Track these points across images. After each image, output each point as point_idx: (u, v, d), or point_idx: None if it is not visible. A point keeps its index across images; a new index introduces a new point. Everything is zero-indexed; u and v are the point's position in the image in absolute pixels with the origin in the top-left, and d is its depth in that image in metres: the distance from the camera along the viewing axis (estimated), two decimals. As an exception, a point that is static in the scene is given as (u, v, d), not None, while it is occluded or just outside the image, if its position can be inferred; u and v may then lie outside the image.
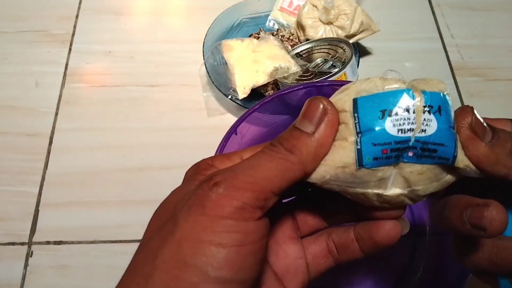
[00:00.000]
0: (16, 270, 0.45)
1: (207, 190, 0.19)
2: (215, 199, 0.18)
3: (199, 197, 0.19)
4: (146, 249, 0.20)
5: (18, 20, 0.63)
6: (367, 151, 0.20)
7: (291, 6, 0.62)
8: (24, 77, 0.58)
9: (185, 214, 0.19)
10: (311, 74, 0.52)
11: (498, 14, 0.66)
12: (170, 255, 0.18)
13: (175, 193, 0.22)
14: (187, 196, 0.20)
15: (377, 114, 0.20)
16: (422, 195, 0.22)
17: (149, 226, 0.21)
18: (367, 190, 0.21)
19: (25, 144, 0.53)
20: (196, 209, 0.19)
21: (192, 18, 0.65)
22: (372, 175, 0.21)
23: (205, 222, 0.18)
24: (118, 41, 0.62)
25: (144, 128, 0.54)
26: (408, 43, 0.62)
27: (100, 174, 0.51)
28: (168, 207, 0.21)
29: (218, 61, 0.55)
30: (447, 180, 0.22)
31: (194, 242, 0.18)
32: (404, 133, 0.20)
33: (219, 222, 0.18)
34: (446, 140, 0.20)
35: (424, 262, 0.42)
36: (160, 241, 0.19)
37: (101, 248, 0.46)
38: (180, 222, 0.19)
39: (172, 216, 0.20)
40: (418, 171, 0.21)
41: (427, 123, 0.20)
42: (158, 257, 0.18)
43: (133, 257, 0.20)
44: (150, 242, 0.20)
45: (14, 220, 0.48)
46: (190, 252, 0.18)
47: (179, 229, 0.19)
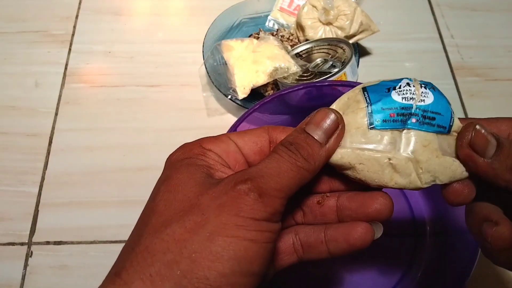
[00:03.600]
0: (16, 270, 0.45)
1: (243, 195, 0.21)
2: (251, 204, 0.21)
3: (234, 199, 0.21)
4: (164, 236, 0.20)
5: (18, 20, 0.64)
6: (377, 114, 0.24)
7: (291, 6, 0.62)
8: (24, 77, 0.58)
9: (217, 211, 0.20)
10: (311, 74, 0.52)
11: (498, 14, 0.66)
12: (201, 247, 0.20)
13: (182, 179, 0.23)
14: (211, 191, 0.21)
15: (384, 90, 0.24)
16: (426, 170, 0.23)
17: (156, 207, 0.22)
18: (379, 155, 0.23)
19: (25, 144, 0.53)
20: (230, 209, 0.20)
21: (192, 18, 0.65)
22: (382, 137, 0.24)
23: (240, 221, 0.20)
24: (118, 41, 0.62)
25: (144, 128, 0.54)
26: (408, 43, 0.62)
27: (100, 174, 0.51)
28: (184, 196, 0.22)
29: (218, 61, 0.55)
30: (447, 161, 0.23)
31: (228, 237, 0.20)
32: (407, 101, 0.24)
33: (253, 222, 0.20)
34: (443, 110, 0.24)
35: (424, 262, 0.42)
36: (184, 232, 0.20)
37: (101, 248, 0.46)
38: (211, 217, 0.20)
39: (195, 207, 0.21)
40: (422, 142, 0.23)
41: (425, 95, 0.24)
42: (185, 247, 0.20)
43: (141, 238, 0.21)
44: (169, 229, 0.21)
45: (14, 220, 0.48)
46: (225, 245, 0.20)
47: (211, 224, 0.20)
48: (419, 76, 0.27)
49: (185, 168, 0.23)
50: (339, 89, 0.44)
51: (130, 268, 0.20)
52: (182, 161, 0.24)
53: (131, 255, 0.21)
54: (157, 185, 0.24)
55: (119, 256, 0.22)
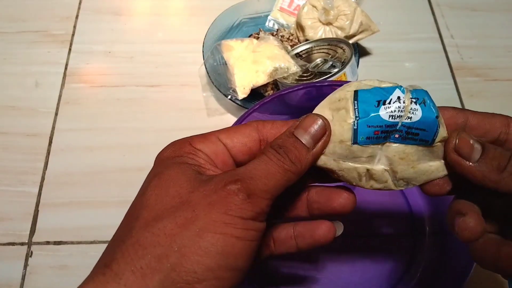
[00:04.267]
0: (16, 270, 0.45)
1: (232, 194, 0.22)
2: (239, 204, 0.22)
3: (224, 198, 0.22)
4: (155, 230, 0.21)
5: (18, 20, 0.64)
6: (362, 131, 0.24)
7: (291, 6, 0.62)
8: (24, 77, 0.58)
9: (207, 209, 0.22)
10: (311, 74, 0.52)
11: (498, 14, 0.66)
12: (190, 242, 0.21)
13: (173, 175, 0.23)
14: (201, 189, 0.22)
15: (373, 103, 0.24)
16: (400, 178, 0.26)
17: (147, 201, 0.23)
18: (358, 165, 0.25)
19: (25, 144, 0.53)
20: (220, 207, 0.21)
21: (192, 18, 0.65)
22: (363, 151, 0.25)
23: (228, 219, 0.21)
24: (118, 41, 0.62)
25: (144, 128, 0.54)
26: (407, 43, 0.62)
27: (100, 174, 0.51)
28: (175, 191, 0.23)
29: (218, 61, 0.55)
30: (422, 169, 0.26)
31: (216, 234, 0.21)
32: (394, 119, 0.24)
33: (241, 221, 0.22)
34: (428, 126, 0.24)
35: (424, 262, 0.42)
36: (175, 227, 0.21)
37: (100, 248, 0.46)
38: (201, 214, 0.21)
39: (186, 203, 0.22)
40: (400, 155, 0.25)
41: (413, 111, 0.24)
42: (175, 242, 0.21)
43: (132, 231, 0.22)
44: (160, 224, 0.21)
45: (14, 220, 0.48)
46: (213, 241, 0.21)
47: (201, 220, 0.21)
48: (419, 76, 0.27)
49: (176, 166, 0.24)
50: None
51: (121, 259, 0.21)
52: (173, 159, 0.25)
53: (122, 247, 0.21)
54: (147, 180, 0.25)
55: (108, 248, 0.23)
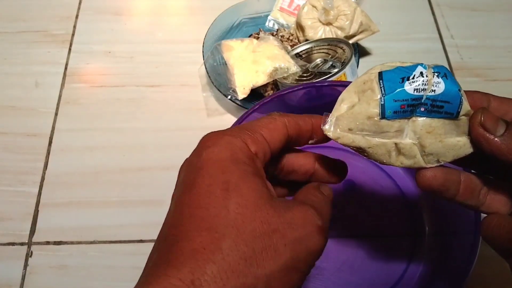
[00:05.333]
0: (15, 270, 0.45)
1: (318, 240, 0.23)
2: (320, 250, 0.24)
3: (312, 241, 0.23)
4: (247, 257, 0.21)
5: (18, 20, 0.64)
6: (389, 106, 0.25)
7: (291, 6, 0.62)
8: (24, 77, 0.58)
9: (294, 243, 0.23)
10: (311, 75, 0.52)
11: (498, 15, 0.66)
12: (278, 277, 0.22)
13: (251, 194, 0.23)
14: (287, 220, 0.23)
15: (398, 80, 0.25)
16: (429, 152, 0.26)
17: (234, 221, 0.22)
18: (386, 140, 0.26)
19: (25, 144, 0.53)
20: (306, 248, 0.23)
21: (192, 18, 0.65)
22: (391, 126, 0.26)
23: (309, 260, 0.23)
24: (118, 41, 0.62)
25: (144, 128, 0.54)
26: (407, 44, 0.62)
27: (100, 174, 0.51)
28: (262, 217, 0.22)
29: (218, 61, 0.55)
30: (450, 143, 0.26)
31: (299, 272, 0.23)
32: (418, 92, 0.25)
33: (314, 263, 0.24)
34: (452, 98, 0.25)
35: (424, 262, 0.42)
36: (265, 258, 0.22)
37: (100, 248, 0.46)
38: (288, 250, 0.22)
39: (275, 231, 0.22)
40: (427, 128, 0.26)
41: (436, 85, 0.25)
42: (265, 274, 0.21)
43: (220, 250, 0.21)
44: (251, 251, 0.21)
45: (14, 220, 0.48)
46: (295, 278, 0.23)
47: (288, 256, 0.22)
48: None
49: (251, 181, 0.23)
50: (338, 89, 0.44)
51: (213, 284, 0.20)
52: (238, 166, 0.24)
53: (212, 269, 0.20)
54: (223, 190, 0.23)
55: (186, 256, 0.21)
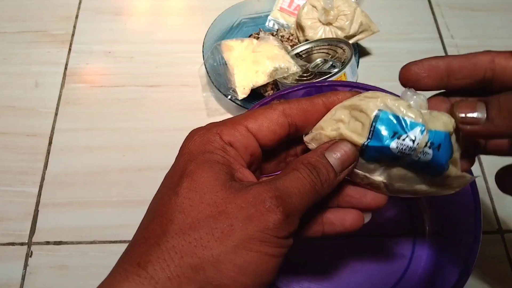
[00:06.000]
0: (15, 270, 0.45)
1: (271, 212, 0.22)
2: (277, 223, 0.22)
3: (262, 215, 0.22)
4: (191, 240, 0.21)
5: (18, 20, 0.64)
6: (370, 153, 0.25)
7: (291, 6, 0.62)
8: (24, 77, 0.58)
9: (244, 223, 0.22)
10: (311, 75, 0.52)
11: (498, 15, 0.66)
12: (227, 258, 0.21)
13: (206, 179, 0.23)
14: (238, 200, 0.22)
15: (390, 132, 0.24)
16: (395, 190, 0.26)
17: (182, 205, 0.22)
18: (359, 171, 0.26)
19: (25, 144, 0.53)
20: (257, 224, 0.22)
21: (192, 18, 0.65)
22: (367, 164, 0.26)
23: (264, 238, 0.22)
24: (118, 41, 0.62)
25: (144, 128, 0.54)
26: (407, 44, 0.62)
27: (100, 174, 0.51)
28: (210, 199, 0.22)
29: (218, 61, 0.55)
30: (417, 190, 0.26)
31: (252, 252, 0.21)
32: (402, 154, 0.24)
33: (276, 240, 0.22)
34: (434, 169, 0.24)
35: (424, 262, 0.42)
36: (211, 239, 0.21)
37: (100, 248, 0.46)
38: (237, 229, 0.21)
39: (223, 214, 0.22)
40: (400, 176, 0.25)
41: (424, 154, 0.24)
42: (212, 255, 0.21)
43: (167, 236, 0.21)
44: (196, 233, 0.21)
45: (14, 220, 0.48)
46: (249, 260, 0.21)
47: (237, 236, 0.21)
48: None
49: (208, 166, 0.23)
50: (338, 89, 0.44)
51: (157, 264, 0.21)
52: (204, 155, 0.24)
53: (157, 251, 0.21)
54: (177, 176, 0.24)
55: (138, 244, 0.23)
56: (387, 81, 0.56)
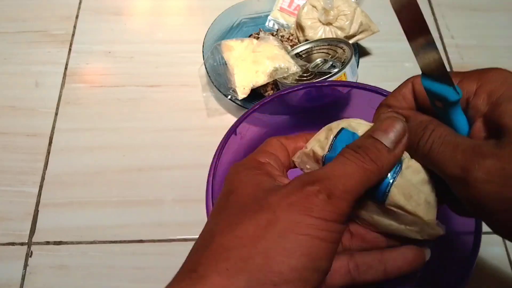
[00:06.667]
0: (15, 270, 0.45)
1: (312, 196, 0.22)
2: (320, 205, 0.21)
3: (304, 199, 0.22)
4: (237, 232, 0.22)
5: (18, 20, 0.64)
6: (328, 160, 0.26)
7: (291, 6, 0.62)
8: (24, 77, 0.58)
9: (287, 210, 0.21)
10: (311, 75, 0.52)
11: (498, 15, 0.66)
12: (274, 243, 0.21)
13: (247, 183, 0.24)
14: (279, 192, 0.22)
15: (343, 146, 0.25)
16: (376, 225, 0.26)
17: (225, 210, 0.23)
18: None
19: (25, 144, 0.53)
20: (301, 209, 0.21)
21: (192, 18, 0.65)
22: None
23: (310, 221, 0.21)
24: (118, 41, 0.62)
25: (144, 128, 0.54)
26: (407, 44, 0.61)
27: (100, 174, 0.51)
28: (253, 197, 0.23)
29: (218, 61, 0.55)
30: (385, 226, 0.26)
31: (300, 235, 0.21)
32: None
33: (324, 222, 0.21)
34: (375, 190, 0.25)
35: (423, 262, 0.42)
36: (257, 229, 0.21)
37: (100, 248, 0.46)
38: (281, 215, 0.21)
39: (265, 206, 0.22)
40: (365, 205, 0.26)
41: None
42: (259, 243, 0.21)
43: (214, 237, 0.22)
44: (241, 226, 0.22)
45: (14, 220, 0.48)
46: (297, 242, 0.21)
47: (282, 221, 0.21)
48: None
49: (252, 177, 0.25)
50: (338, 89, 0.44)
51: (206, 263, 0.21)
52: (244, 171, 0.25)
53: (205, 252, 0.22)
54: (226, 195, 0.25)
55: (190, 256, 0.23)
56: (387, 81, 0.56)
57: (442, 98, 0.24)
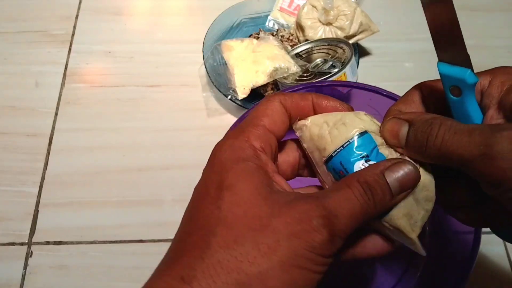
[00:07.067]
0: (16, 270, 0.45)
1: (317, 231, 0.21)
2: (323, 243, 0.21)
3: (308, 233, 0.21)
4: (237, 254, 0.21)
5: (18, 20, 0.64)
6: (332, 164, 0.26)
7: (291, 6, 0.62)
8: (24, 77, 0.58)
9: (290, 240, 0.21)
10: (311, 74, 0.52)
11: (498, 15, 0.66)
12: (274, 274, 0.21)
13: (247, 191, 0.23)
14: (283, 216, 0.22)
15: (361, 152, 0.25)
16: None
17: (225, 219, 0.22)
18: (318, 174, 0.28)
19: (25, 144, 0.53)
20: (303, 242, 0.21)
21: (192, 18, 0.65)
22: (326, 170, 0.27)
23: (311, 256, 0.21)
24: (118, 41, 0.62)
25: (144, 128, 0.54)
26: (407, 43, 0.62)
27: (100, 174, 0.51)
28: (254, 213, 0.22)
29: (218, 62, 0.55)
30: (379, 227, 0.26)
31: (297, 268, 0.21)
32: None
33: (321, 259, 0.22)
34: None
35: (423, 262, 0.42)
36: (258, 255, 0.21)
37: (100, 248, 0.46)
38: (283, 245, 0.21)
39: (268, 229, 0.22)
40: None
41: None
42: (259, 272, 0.21)
43: (211, 249, 0.21)
44: (241, 248, 0.21)
45: (14, 220, 0.48)
46: (296, 276, 0.21)
47: (283, 252, 0.21)
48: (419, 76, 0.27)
49: (247, 177, 0.23)
50: (338, 89, 0.44)
51: (202, 279, 0.20)
52: (239, 165, 0.24)
53: (202, 265, 0.21)
54: (214, 187, 0.24)
55: (178, 256, 0.22)
56: (387, 81, 0.56)
57: (460, 81, 0.24)
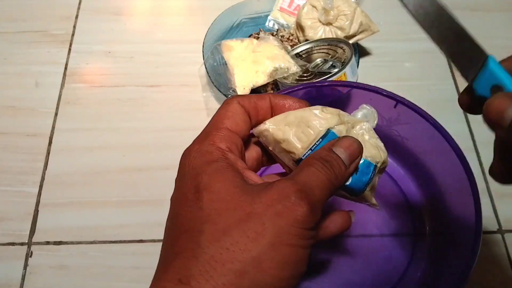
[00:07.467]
0: (15, 270, 0.45)
1: (298, 206, 0.23)
2: (305, 216, 0.23)
3: (290, 209, 0.22)
4: (228, 245, 0.21)
5: (18, 20, 0.64)
6: None
7: (291, 6, 0.62)
8: (24, 77, 0.58)
9: (274, 220, 0.22)
10: (311, 75, 0.52)
11: (498, 15, 0.66)
12: (266, 256, 0.21)
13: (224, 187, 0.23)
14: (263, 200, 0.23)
15: None
16: None
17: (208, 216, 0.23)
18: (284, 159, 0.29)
19: (25, 144, 0.53)
20: (287, 219, 0.22)
21: (192, 18, 0.65)
22: None
23: (296, 231, 0.22)
24: (118, 41, 0.62)
25: (144, 128, 0.54)
26: (407, 43, 0.62)
27: (100, 174, 0.51)
28: (236, 204, 0.23)
29: (218, 61, 0.55)
30: None
31: (288, 246, 0.22)
32: None
33: (306, 232, 0.23)
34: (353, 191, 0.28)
35: (424, 262, 0.42)
36: (248, 241, 0.22)
37: (100, 248, 0.46)
38: (269, 227, 0.22)
39: (252, 215, 0.22)
40: None
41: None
42: (252, 257, 0.21)
43: (202, 247, 0.22)
44: (230, 238, 0.22)
45: (14, 220, 0.48)
46: (286, 254, 0.22)
47: (270, 233, 0.22)
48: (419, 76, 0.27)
49: (221, 175, 0.24)
50: (338, 89, 0.44)
51: (200, 277, 0.21)
52: (210, 166, 0.25)
53: (197, 264, 0.21)
54: (191, 192, 0.24)
55: (170, 260, 0.23)
56: (387, 81, 0.56)
57: None
